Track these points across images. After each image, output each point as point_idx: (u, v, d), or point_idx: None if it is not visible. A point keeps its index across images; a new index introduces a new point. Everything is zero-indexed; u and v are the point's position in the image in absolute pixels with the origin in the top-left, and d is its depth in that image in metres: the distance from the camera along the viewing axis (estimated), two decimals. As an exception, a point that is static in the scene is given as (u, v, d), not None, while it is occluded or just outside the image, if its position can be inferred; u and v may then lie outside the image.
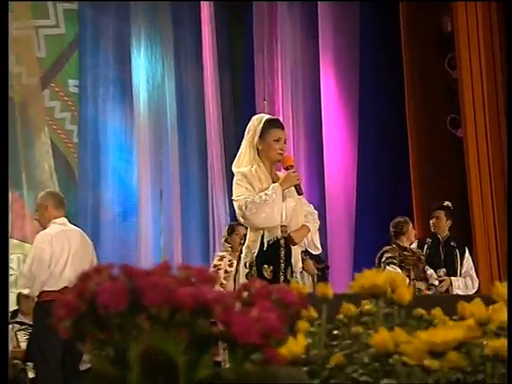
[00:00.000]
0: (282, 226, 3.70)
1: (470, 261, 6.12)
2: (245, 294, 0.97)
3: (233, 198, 3.78)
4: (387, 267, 5.57)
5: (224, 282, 5.32)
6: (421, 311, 1.36)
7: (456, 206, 6.76)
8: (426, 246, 5.99)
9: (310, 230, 3.82)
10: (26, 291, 5.05)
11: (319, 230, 4.32)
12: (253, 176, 3.68)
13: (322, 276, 6.10)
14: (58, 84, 8.32)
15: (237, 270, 3.79)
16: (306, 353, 1.15)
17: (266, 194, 3.61)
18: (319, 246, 3.99)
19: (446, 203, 6.19)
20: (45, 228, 5.03)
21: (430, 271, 5.81)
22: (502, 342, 1.07)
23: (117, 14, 8.53)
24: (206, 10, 7.85)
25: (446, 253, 5.99)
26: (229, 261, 5.53)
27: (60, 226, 4.96)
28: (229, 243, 5.71)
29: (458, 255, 6.00)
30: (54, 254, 4.81)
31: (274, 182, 3.71)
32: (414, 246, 6.05)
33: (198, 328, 0.90)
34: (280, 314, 0.90)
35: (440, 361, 1.00)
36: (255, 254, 3.66)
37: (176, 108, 8.22)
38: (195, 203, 8.03)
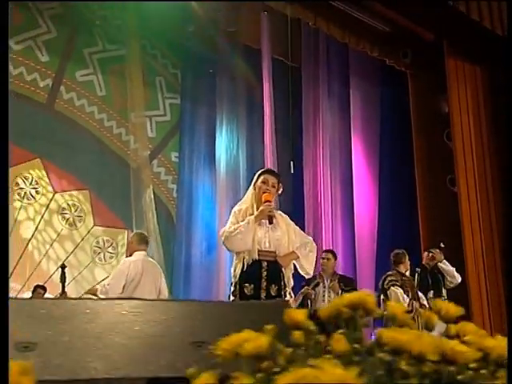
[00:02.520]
0: (268, 251, 3.55)
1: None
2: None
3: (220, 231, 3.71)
4: (391, 288, 5.46)
5: None
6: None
7: (452, 241, 6.93)
8: (416, 274, 5.79)
9: (298, 257, 3.65)
10: (101, 296, 5.05)
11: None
12: (240, 213, 3.62)
13: None
14: (163, 155, 8.83)
15: (230, 290, 3.63)
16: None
17: (239, 225, 3.52)
18: (309, 271, 3.77)
19: (442, 245, 6.11)
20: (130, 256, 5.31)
21: (420, 294, 5.63)
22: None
23: (207, 105, 8.98)
24: (267, 101, 8.14)
25: (432, 279, 5.88)
26: None
27: (139, 256, 5.15)
28: None
29: (441, 281, 5.86)
30: (129, 276, 4.94)
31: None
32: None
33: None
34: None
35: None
36: (238, 275, 3.51)
37: (246, 173, 8.40)
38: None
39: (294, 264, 3.75)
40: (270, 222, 3.57)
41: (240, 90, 8.93)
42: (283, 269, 3.60)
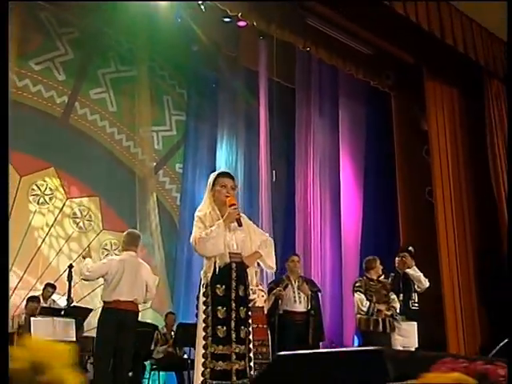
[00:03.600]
0: (235, 253, 3.39)
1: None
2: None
3: (191, 238, 3.44)
4: (355, 294, 5.40)
5: None
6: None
7: (429, 247, 6.85)
8: (390, 278, 5.66)
9: (261, 255, 3.49)
10: (81, 276, 4.96)
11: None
12: (205, 217, 3.38)
13: (315, 297, 5.81)
14: (168, 166, 8.86)
15: (199, 291, 3.39)
16: None
17: (211, 231, 3.30)
18: (273, 265, 3.59)
19: (410, 248, 5.91)
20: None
21: (393, 296, 5.49)
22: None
23: (209, 122, 9.01)
24: (263, 119, 8.07)
25: (404, 283, 5.64)
26: None
27: (126, 255, 4.90)
28: None
29: (412, 285, 5.61)
30: (110, 272, 4.73)
31: None
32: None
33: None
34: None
35: None
36: (210, 277, 3.32)
37: (244, 182, 8.51)
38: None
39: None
40: (240, 225, 3.39)
41: (239, 109, 8.98)
42: (247, 269, 3.45)
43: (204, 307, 3.26)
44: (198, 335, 3.20)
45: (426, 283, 5.59)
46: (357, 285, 5.46)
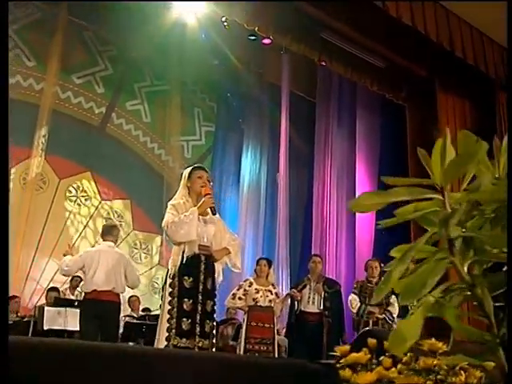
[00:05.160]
0: (205, 246, 3.14)
1: None
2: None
3: (163, 223, 3.15)
4: (351, 294, 5.13)
5: (242, 296, 4.91)
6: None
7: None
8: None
9: (230, 252, 3.25)
10: (61, 272, 4.63)
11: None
12: (180, 206, 3.16)
13: (335, 296, 5.35)
14: None
15: (165, 281, 3.11)
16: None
17: (184, 216, 3.06)
18: (239, 265, 3.34)
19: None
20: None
21: (393, 298, 4.94)
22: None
23: (236, 133, 9.01)
24: (284, 131, 7.88)
25: None
26: (249, 282, 4.97)
27: (102, 246, 4.54)
28: (255, 271, 5.10)
29: None
30: (86, 264, 4.36)
31: None
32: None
33: None
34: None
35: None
36: (177, 267, 3.06)
37: (266, 189, 8.47)
38: (270, 246, 7.98)
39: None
40: (214, 213, 3.19)
41: (264, 121, 8.88)
42: (215, 263, 3.20)
43: (170, 298, 2.99)
44: (160, 327, 2.95)
45: None
46: (354, 286, 5.17)
